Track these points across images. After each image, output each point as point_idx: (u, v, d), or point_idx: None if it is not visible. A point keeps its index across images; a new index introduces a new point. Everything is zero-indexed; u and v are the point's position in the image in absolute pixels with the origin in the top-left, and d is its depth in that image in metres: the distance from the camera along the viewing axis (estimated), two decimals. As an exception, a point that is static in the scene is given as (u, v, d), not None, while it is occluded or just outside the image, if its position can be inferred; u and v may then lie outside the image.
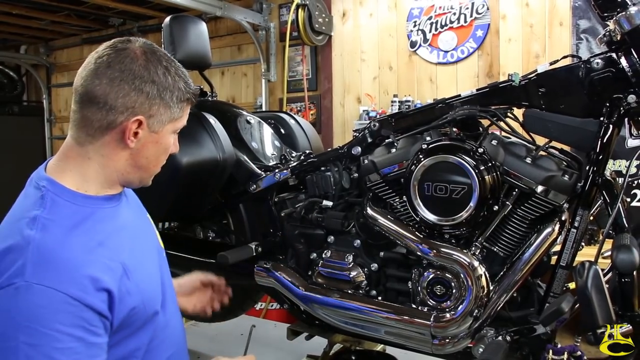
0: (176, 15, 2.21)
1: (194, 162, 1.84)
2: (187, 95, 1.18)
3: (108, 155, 1.13)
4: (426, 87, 4.17)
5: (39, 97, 6.77)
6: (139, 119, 1.10)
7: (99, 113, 1.09)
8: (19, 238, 1.00)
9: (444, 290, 1.60)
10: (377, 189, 1.72)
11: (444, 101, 1.68)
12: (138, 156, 1.16)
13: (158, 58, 1.14)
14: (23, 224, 1.02)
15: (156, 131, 1.15)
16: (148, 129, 1.13)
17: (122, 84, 1.08)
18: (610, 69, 1.44)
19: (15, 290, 0.96)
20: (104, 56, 1.10)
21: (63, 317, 0.98)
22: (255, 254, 1.93)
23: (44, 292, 0.97)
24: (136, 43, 1.14)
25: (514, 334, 1.52)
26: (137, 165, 1.17)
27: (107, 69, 1.09)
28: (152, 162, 1.19)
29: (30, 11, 5.02)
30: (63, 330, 0.97)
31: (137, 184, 1.22)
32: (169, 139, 1.19)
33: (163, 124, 1.15)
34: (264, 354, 2.46)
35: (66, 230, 1.04)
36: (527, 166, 1.51)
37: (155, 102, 1.12)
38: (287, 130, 2.39)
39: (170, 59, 1.17)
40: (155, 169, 1.22)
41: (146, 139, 1.14)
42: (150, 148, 1.16)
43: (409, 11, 4.20)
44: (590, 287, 1.25)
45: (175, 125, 1.19)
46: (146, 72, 1.11)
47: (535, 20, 3.75)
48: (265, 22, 4.81)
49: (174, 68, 1.16)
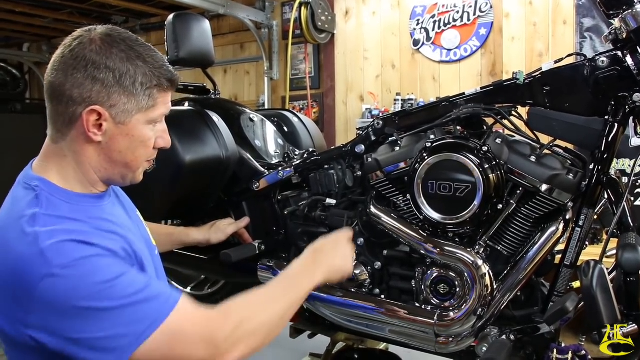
0: (179, 13, 2.21)
1: (197, 160, 1.84)
2: (154, 81, 1.08)
3: (79, 152, 1.08)
4: (429, 86, 4.16)
5: (41, 95, 6.72)
6: (95, 109, 1.03)
7: (61, 106, 1.05)
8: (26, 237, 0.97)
9: (448, 289, 1.59)
10: (381, 187, 1.72)
11: (448, 99, 1.67)
12: (109, 150, 1.08)
13: (117, 42, 1.05)
14: (23, 222, 0.99)
15: (123, 122, 1.06)
16: (113, 120, 1.05)
17: (75, 73, 1.02)
18: (615, 67, 1.43)
19: (53, 277, 0.94)
20: (62, 47, 1.06)
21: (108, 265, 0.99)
22: (258, 252, 1.93)
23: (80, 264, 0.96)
24: (98, 29, 1.07)
25: (517, 333, 1.52)
26: (111, 161, 1.10)
27: (62, 58, 1.04)
28: (128, 156, 1.10)
29: (33, 9, 5.03)
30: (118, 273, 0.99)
31: (120, 180, 1.15)
32: (143, 131, 1.09)
33: (130, 114, 1.06)
34: (266, 352, 2.45)
35: (69, 220, 1.02)
36: (531, 165, 1.50)
37: (113, 90, 1.04)
38: (290, 128, 2.39)
39: (137, 43, 1.08)
40: (135, 163, 1.12)
41: (113, 131, 1.06)
42: (121, 141, 1.08)
43: (412, 9, 4.20)
44: (596, 286, 1.25)
45: (148, 115, 1.09)
46: (99, 58, 1.03)
47: (538, 18, 3.74)
48: (268, 20, 4.80)
49: (138, 52, 1.06)
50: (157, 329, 0.99)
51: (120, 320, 0.97)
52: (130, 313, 0.98)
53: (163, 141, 1.15)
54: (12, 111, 6.38)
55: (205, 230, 1.85)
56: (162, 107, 1.12)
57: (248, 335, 1.08)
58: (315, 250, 1.36)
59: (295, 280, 1.26)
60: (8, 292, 0.97)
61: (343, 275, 1.39)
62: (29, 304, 0.95)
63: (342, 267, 1.38)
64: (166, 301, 1.02)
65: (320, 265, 1.32)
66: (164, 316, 1.00)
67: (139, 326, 0.98)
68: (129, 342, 0.97)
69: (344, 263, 1.39)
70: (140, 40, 1.10)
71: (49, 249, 0.95)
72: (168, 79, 1.11)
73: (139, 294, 1.00)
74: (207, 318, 1.06)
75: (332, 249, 1.38)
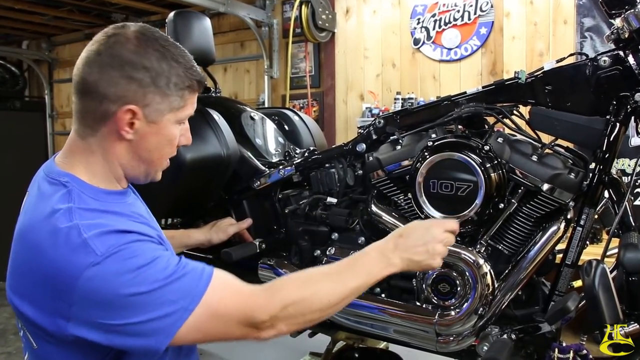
0: (180, 11, 2.20)
1: (197, 158, 1.84)
2: (187, 82, 1.09)
3: (108, 148, 1.09)
4: (429, 85, 4.16)
5: (40, 93, 6.76)
6: (131, 109, 1.04)
7: (93, 103, 1.05)
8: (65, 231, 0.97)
9: (449, 288, 1.59)
10: (382, 186, 1.72)
11: (450, 98, 1.67)
12: (139, 148, 1.10)
13: (151, 42, 1.06)
14: (59, 216, 0.99)
15: (155, 121, 1.08)
16: (145, 119, 1.07)
17: (111, 71, 1.03)
18: (617, 67, 1.43)
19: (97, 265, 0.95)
20: (95, 43, 1.07)
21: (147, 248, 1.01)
22: (259, 251, 1.93)
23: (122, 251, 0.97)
24: (131, 27, 1.08)
25: (518, 332, 1.52)
26: (140, 159, 1.11)
27: (98, 56, 1.05)
28: (155, 154, 1.13)
29: (32, 6, 5.01)
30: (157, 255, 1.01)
31: (143, 178, 1.17)
32: (172, 130, 1.12)
33: (162, 114, 1.08)
34: (267, 351, 2.47)
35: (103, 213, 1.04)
36: (533, 164, 1.50)
37: (149, 90, 1.05)
38: (290, 126, 2.38)
39: (169, 43, 1.09)
40: (160, 161, 1.15)
41: (144, 130, 1.08)
42: (151, 140, 1.10)
43: (412, 8, 4.19)
44: (598, 285, 1.25)
45: (178, 115, 1.11)
46: (136, 58, 1.04)
47: (539, 18, 3.74)
48: (268, 18, 4.80)
49: (172, 53, 1.08)
50: (197, 306, 0.99)
51: (161, 300, 0.97)
52: (170, 292, 0.98)
53: (185, 139, 1.17)
54: (11, 109, 6.36)
55: (207, 230, 1.86)
56: (190, 107, 1.14)
57: (292, 317, 1.07)
58: (400, 235, 1.23)
59: (366, 264, 1.16)
60: (48, 288, 0.97)
61: (425, 269, 1.31)
62: (72, 296, 0.95)
63: (424, 261, 1.22)
64: (200, 277, 1.03)
65: (401, 252, 1.19)
66: (202, 292, 1.01)
67: (180, 304, 0.98)
68: (172, 322, 0.98)
69: (428, 257, 1.21)
70: (170, 39, 1.11)
71: (91, 240, 0.96)
72: (198, 80, 1.12)
73: (177, 272, 1.01)
74: (248, 295, 1.06)
75: (420, 236, 1.22)
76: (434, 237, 1.23)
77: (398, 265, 1.18)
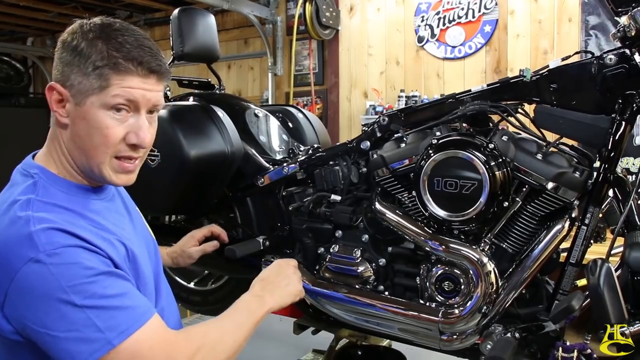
0: (184, 8, 2.20)
1: (202, 155, 1.84)
2: (109, 60, 1.00)
3: (57, 136, 1.10)
4: (433, 83, 4.16)
5: (45, 90, 6.77)
6: (51, 85, 1.05)
7: None
8: (16, 220, 0.98)
9: (453, 286, 1.59)
10: (386, 184, 1.71)
11: (454, 96, 1.66)
12: (74, 135, 1.06)
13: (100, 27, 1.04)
14: (16, 207, 1.00)
15: (79, 103, 1.03)
16: (73, 100, 1.03)
17: (55, 55, 1.07)
18: (623, 65, 1.42)
19: (38, 262, 0.94)
20: None
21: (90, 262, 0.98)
22: (262, 248, 1.93)
23: (64, 253, 0.96)
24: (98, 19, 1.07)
25: (522, 331, 1.52)
26: (77, 147, 1.07)
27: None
28: (87, 142, 1.04)
29: (37, 3, 5.03)
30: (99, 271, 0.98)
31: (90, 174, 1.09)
32: (99, 116, 1.03)
33: (85, 96, 1.02)
34: (270, 348, 2.47)
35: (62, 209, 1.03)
36: (537, 162, 1.50)
37: (70, 68, 1.03)
38: (295, 124, 2.38)
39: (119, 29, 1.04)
40: (94, 153, 1.05)
41: (74, 113, 1.04)
42: (80, 125, 1.04)
43: (416, 6, 4.19)
44: (603, 284, 1.24)
45: (102, 98, 1.02)
46: (70, 38, 1.04)
47: (544, 16, 3.73)
48: (272, 15, 4.79)
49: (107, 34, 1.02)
50: (125, 341, 0.97)
51: (88, 322, 0.95)
52: (100, 318, 0.96)
53: (135, 138, 1.06)
54: (16, 105, 6.38)
55: (173, 252, 1.81)
56: (118, 89, 1.02)
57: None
58: (261, 280, 1.42)
59: (249, 310, 1.28)
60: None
61: (294, 296, 1.45)
62: (8, 286, 0.95)
63: (290, 290, 1.44)
64: (140, 315, 1.01)
65: (269, 293, 1.37)
66: (134, 329, 0.99)
67: (105, 335, 0.96)
68: (90, 351, 0.95)
69: (291, 286, 1.45)
70: (133, 29, 1.07)
71: (37, 234, 0.96)
72: (128, 59, 1.02)
73: (116, 299, 0.99)
74: (171, 341, 1.06)
75: (276, 275, 1.45)
76: (286, 267, 1.48)
77: (270, 302, 1.33)
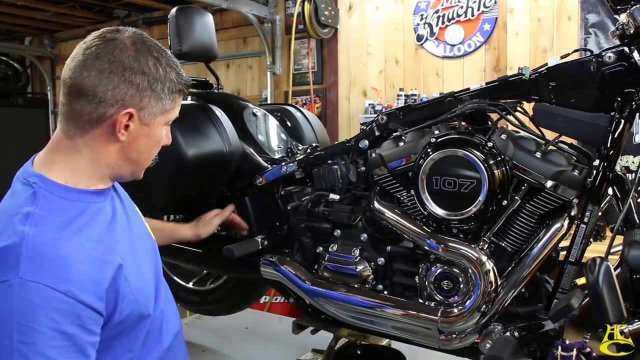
0: (182, 7, 2.19)
1: (200, 154, 1.83)
2: (178, 86, 1.17)
3: (98, 149, 1.11)
4: (432, 81, 4.15)
5: (43, 89, 6.76)
6: (129, 112, 1.09)
7: (89, 106, 1.07)
8: (13, 235, 0.98)
9: (452, 285, 1.59)
10: (385, 183, 1.71)
11: (453, 95, 1.66)
12: (129, 149, 1.14)
13: (148, 48, 1.12)
14: (16, 220, 1.00)
15: (148, 124, 1.13)
16: (139, 121, 1.12)
17: (111, 76, 1.06)
18: (622, 63, 1.41)
19: (9, 287, 0.94)
20: (92, 47, 1.08)
21: (58, 314, 0.95)
22: (261, 248, 1.92)
23: (37, 289, 0.94)
24: (125, 33, 1.11)
25: (521, 329, 1.51)
26: (128, 159, 1.16)
27: (96, 60, 1.06)
28: (144, 155, 1.18)
29: (35, 2, 5.02)
30: (58, 329, 0.95)
31: (128, 177, 1.21)
32: (160, 132, 1.18)
33: (154, 116, 1.14)
34: (269, 348, 2.46)
35: (60, 226, 1.03)
36: (536, 161, 1.49)
37: (146, 94, 1.10)
38: (293, 123, 2.37)
39: (161, 49, 1.15)
40: (146, 162, 1.21)
41: (137, 131, 1.13)
42: (142, 141, 1.15)
43: (415, 4, 4.18)
44: (602, 283, 1.24)
45: (167, 117, 1.18)
46: (136, 64, 1.09)
47: (543, 14, 3.73)
48: (271, 14, 4.78)
49: (165, 58, 1.14)
50: None
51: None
52: None
53: (168, 139, 1.23)
54: (14, 105, 6.37)
55: (193, 226, 1.86)
56: (177, 109, 1.21)
57: None
58: None
59: None
60: None
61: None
62: None
63: None
64: None
65: None
66: None
67: None
68: None
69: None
70: (161, 46, 1.17)
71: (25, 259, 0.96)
72: (187, 84, 1.20)
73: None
74: None
75: None
76: None
77: None
